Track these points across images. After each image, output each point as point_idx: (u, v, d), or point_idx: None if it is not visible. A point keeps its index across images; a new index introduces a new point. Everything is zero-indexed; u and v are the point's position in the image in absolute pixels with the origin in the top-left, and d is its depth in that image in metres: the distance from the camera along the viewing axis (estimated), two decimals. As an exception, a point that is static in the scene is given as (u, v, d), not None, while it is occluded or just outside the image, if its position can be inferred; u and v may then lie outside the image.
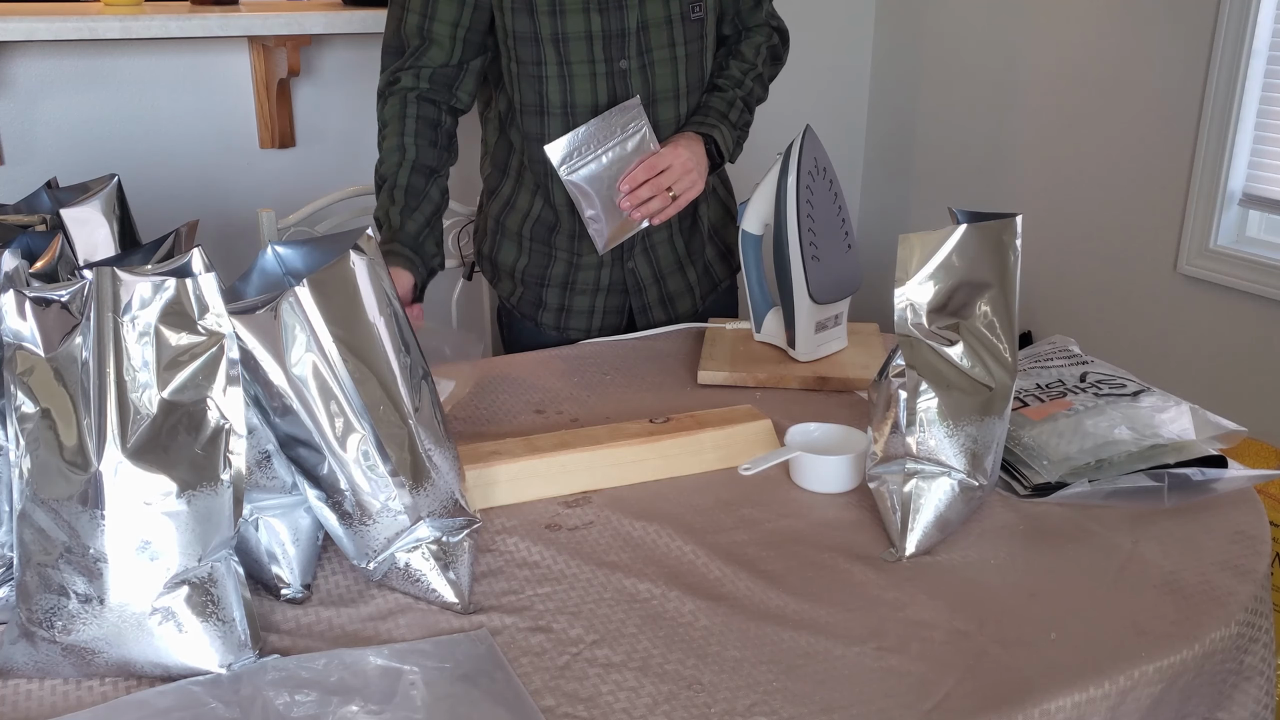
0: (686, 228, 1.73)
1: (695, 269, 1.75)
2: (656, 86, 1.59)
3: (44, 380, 0.84)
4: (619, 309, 1.73)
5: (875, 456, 1.11)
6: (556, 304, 1.72)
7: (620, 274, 1.70)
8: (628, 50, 1.55)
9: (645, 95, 1.58)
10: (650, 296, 1.72)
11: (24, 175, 2.35)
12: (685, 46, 1.59)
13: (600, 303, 1.71)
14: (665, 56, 1.58)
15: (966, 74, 3.09)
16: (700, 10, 1.59)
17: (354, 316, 0.92)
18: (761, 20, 1.70)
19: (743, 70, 1.65)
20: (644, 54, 1.56)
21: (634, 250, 1.69)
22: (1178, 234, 2.57)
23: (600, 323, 1.73)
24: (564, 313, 1.72)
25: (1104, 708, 0.89)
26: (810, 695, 0.87)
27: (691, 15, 1.58)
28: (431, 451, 0.97)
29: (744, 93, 1.65)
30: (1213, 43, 2.43)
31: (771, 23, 1.71)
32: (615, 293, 1.71)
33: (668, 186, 1.53)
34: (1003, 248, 1.10)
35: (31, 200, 1.12)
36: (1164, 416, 1.21)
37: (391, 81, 1.58)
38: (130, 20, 2.17)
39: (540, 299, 1.73)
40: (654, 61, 1.57)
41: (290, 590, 0.99)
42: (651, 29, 1.56)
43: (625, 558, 1.07)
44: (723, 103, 1.63)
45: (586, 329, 1.73)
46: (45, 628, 0.86)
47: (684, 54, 1.59)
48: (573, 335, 1.73)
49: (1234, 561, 1.06)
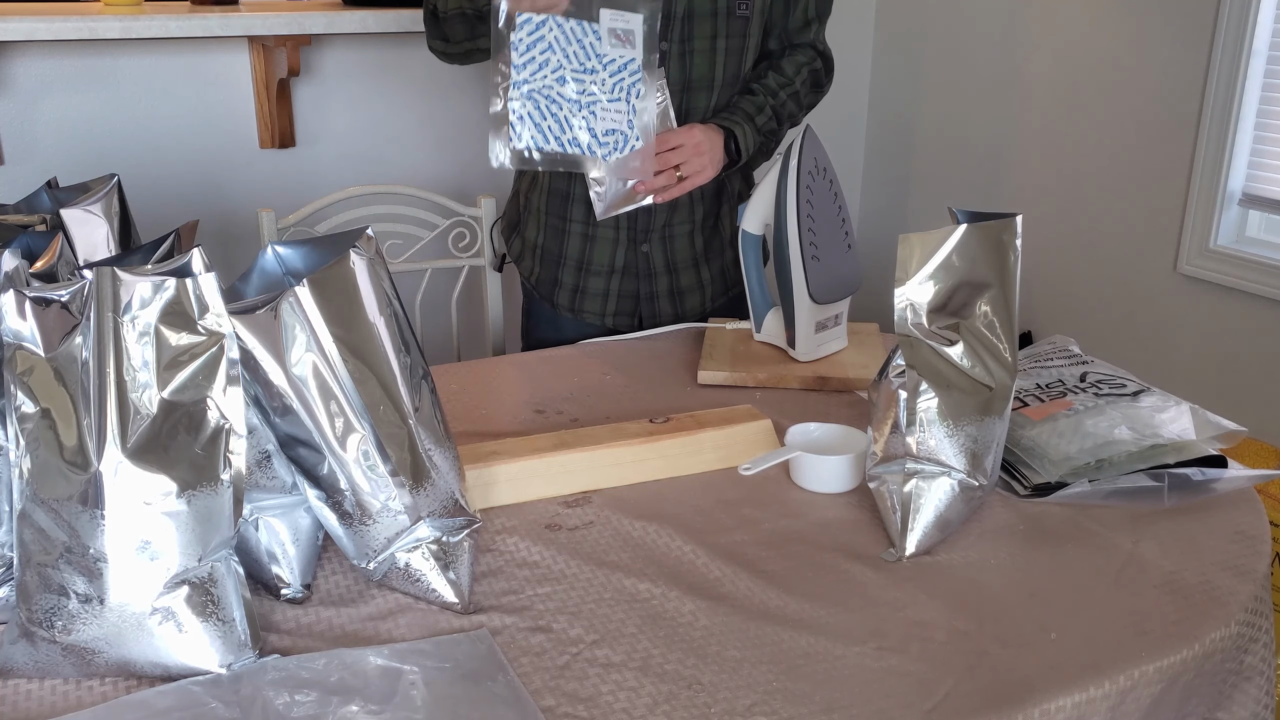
0: (708, 226, 1.73)
1: (710, 268, 1.75)
2: (693, 75, 1.61)
3: (44, 380, 0.84)
4: (633, 294, 1.74)
5: (875, 456, 1.11)
6: (572, 284, 1.73)
7: (634, 257, 1.71)
8: (670, 34, 1.58)
9: (681, 81, 1.60)
10: (660, 286, 1.73)
11: (24, 175, 2.35)
12: (727, 40, 1.61)
13: (615, 285, 1.72)
14: (705, 46, 1.60)
15: (967, 73, 3.09)
16: (747, 9, 1.61)
17: (354, 316, 0.92)
18: (808, 41, 1.71)
19: (779, 83, 1.67)
20: (685, 40, 1.59)
21: (651, 235, 1.69)
22: (1178, 234, 2.57)
23: (614, 307, 1.74)
24: (579, 294, 1.74)
25: (1104, 708, 0.89)
26: (810, 695, 0.87)
27: (738, 11, 1.60)
28: (431, 451, 0.97)
29: (776, 103, 1.66)
30: (1213, 43, 2.43)
31: (818, 46, 1.72)
32: (629, 276, 1.72)
33: (676, 165, 1.54)
34: (1003, 248, 1.10)
35: (31, 200, 1.12)
36: (1164, 416, 1.21)
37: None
38: (130, 20, 2.17)
39: (556, 278, 1.74)
40: (694, 50, 1.60)
41: (290, 590, 0.99)
42: (697, 18, 1.58)
43: (625, 558, 1.07)
44: (751, 105, 1.64)
45: (600, 313, 1.74)
46: (45, 628, 0.86)
47: (724, 47, 1.61)
48: (587, 318, 1.75)
49: (1234, 561, 1.06)
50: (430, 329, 2.12)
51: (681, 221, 1.71)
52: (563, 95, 1.47)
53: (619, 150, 1.50)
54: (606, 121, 1.48)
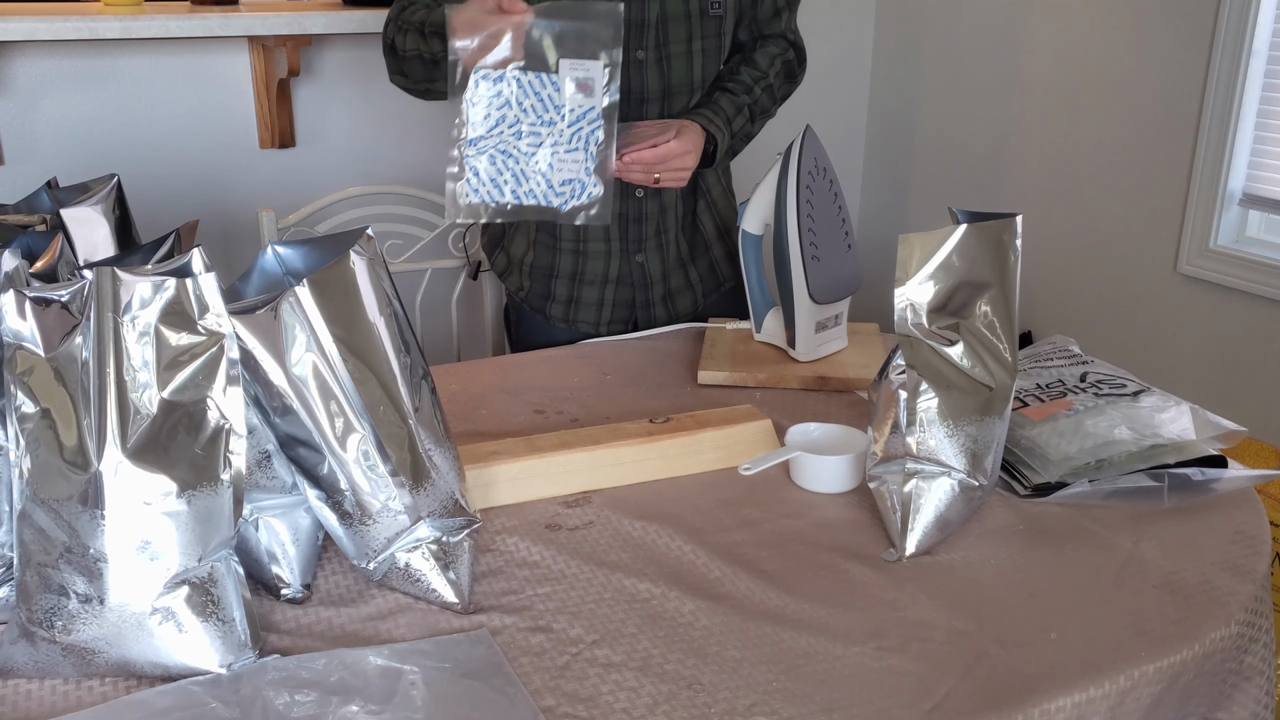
0: (688, 225, 1.73)
1: (698, 268, 1.75)
2: (672, 80, 1.60)
3: (44, 380, 0.84)
4: (628, 302, 1.73)
5: (875, 456, 1.11)
6: (565, 295, 1.72)
7: (628, 267, 1.70)
8: (645, 41, 1.57)
9: (660, 88, 1.59)
10: (655, 294, 1.73)
11: (24, 175, 2.35)
12: (703, 42, 1.60)
13: (609, 295, 1.71)
14: (682, 50, 1.59)
15: (966, 74, 3.09)
16: (719, 7, 1.60)
17: (354, 316, 0.92)
18: (779, 31, 1.70)
19: (754, 78, 1.65)
20: (661, 46, 1.58)
21: (645, 244, 1.69)
22: (1178, 234, 2.57)
23: (610, 315, 1.73)
24: (573, 304, 1.72)
25: (1104, 708, 0.89)
26: (810, 695, 0.87)
27: (710, 11, 1.59)
28: (431, 451, 0.97)
29: (751, 99, 1.65)
30: (1213, 43, 2.43)
31: (789, 36, 1.71)
32: (624, 285, 1.71)
33: (656, 175, 1.53)
34: (1003, 248, 1.10)
35: (31, 200, 1.12)
36: (1164, 416, 1.21)
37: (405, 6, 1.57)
38: (130, 20, 2.17)
39: (549, 291, 1.73)
40: (670, 55, 1.59)
41: (290, 590, 0.99)
42: (670, 22, 1.57)
43: (625, 558, 1.07)
44: (732, 107, 1.63)
45: (595, 321, 1.73)
46: (45, 628, 0.86)
47: (701, 49, 1.60)
48: (581, 328, 1.73)
49: (1234, 561, 1.06)
50: (430, 329, 2.12)
51: (668, 227, 1.70)
52: (519, 149, 1.46)
53: (576, 198, 1.49)
54: (564, 172, 1.47)
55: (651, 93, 1.59)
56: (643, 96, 1.59)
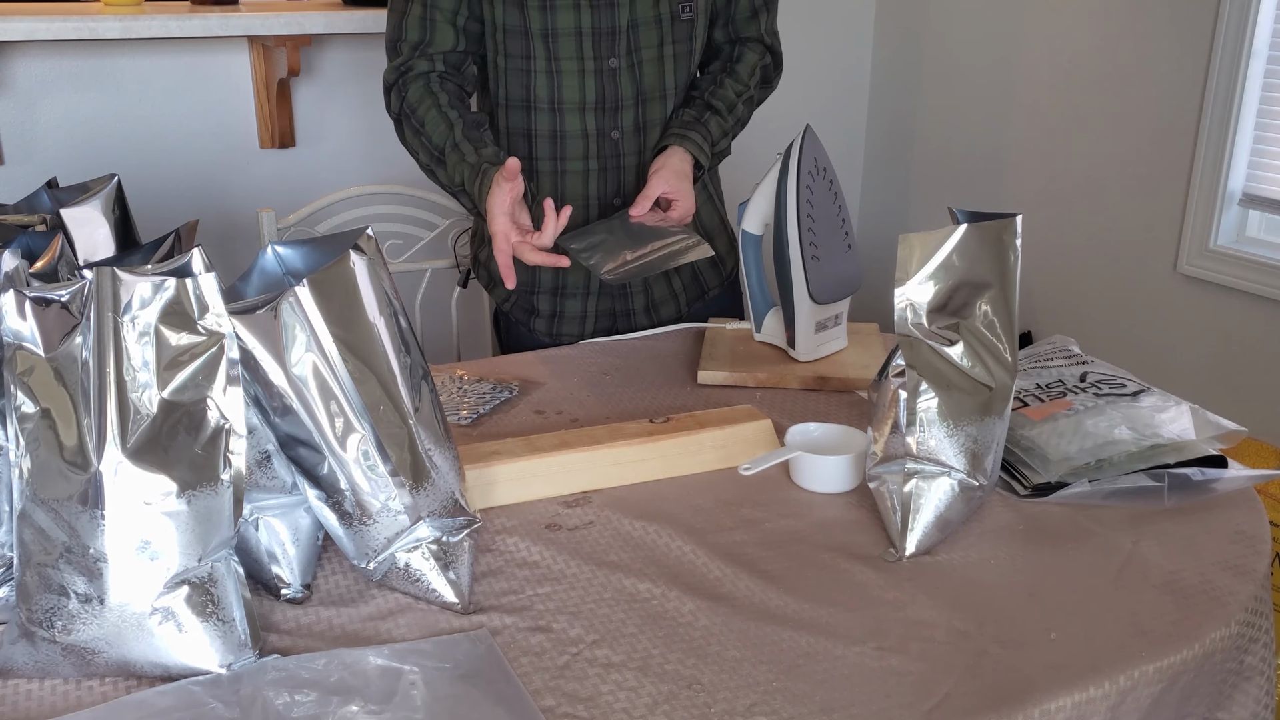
0: None
1: (681, 276, 1.74)
2: (645, 85, 1.58)
3: (44, 380, 0.84)
4: (610, 312, 1.72)
5: (875, 456, 1.11)
6: (549, 310, 1.71)
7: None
8: (618, 49, 1.55)
9: (633, 94, 1.58)
10: (636, 304, 1.72)
11: (24, 175, 2.35)
12: (674, 46, 1.59)
13: (592, 306, 1.71)
14: (654, 56, 1.58)
15: (966, 74, 3.09)
16: (690, 10, 1.58)
17: (354, 316, 0.92)
18: (756, 34, 1.67)
19: (737, 93, 1.64)
20: (633, 53, 1.56)
21: None
22: (1178, 234, 2.58)
23: (593, 326, 1.72)
24: (556, 318, 1.72)
25: (1104, 708, 0.89)
26: (810, 695, 0.87)
27: (681, 15, 1.58)
28: (431, 451, 0.97)
29: (734, 120, 1.64)
30: (1213, 43, 2.43)
31: (766, 40, 1.68)
32: (605, 296, 1.71)
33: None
34: (1003, 248, 1.10)
35: (31, 200, 1.12)
36: (1164, 416, 1.21)
37: (404, 71, 1.57)
38: (130, 20, 2.17)
39: (532, 306, 1.72)
40: (643, 60, 1.57)
41: (290, 590, 0.99)
42: (641, 28, 1.55)
43: (625, 558, 1.07)
44: (718, 130, 1.62)
45: (579, 334, 1.72)
46: (45, 628, 0.86)
47: (673, 53, 1.59)
48: (565, 341, 1.72)
49: (1234, 561, 1.06)
50: (430, 329, 2.12)
51: None
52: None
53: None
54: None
55: (626, 99, 1.58)
56: (617, 104, 1.57)
